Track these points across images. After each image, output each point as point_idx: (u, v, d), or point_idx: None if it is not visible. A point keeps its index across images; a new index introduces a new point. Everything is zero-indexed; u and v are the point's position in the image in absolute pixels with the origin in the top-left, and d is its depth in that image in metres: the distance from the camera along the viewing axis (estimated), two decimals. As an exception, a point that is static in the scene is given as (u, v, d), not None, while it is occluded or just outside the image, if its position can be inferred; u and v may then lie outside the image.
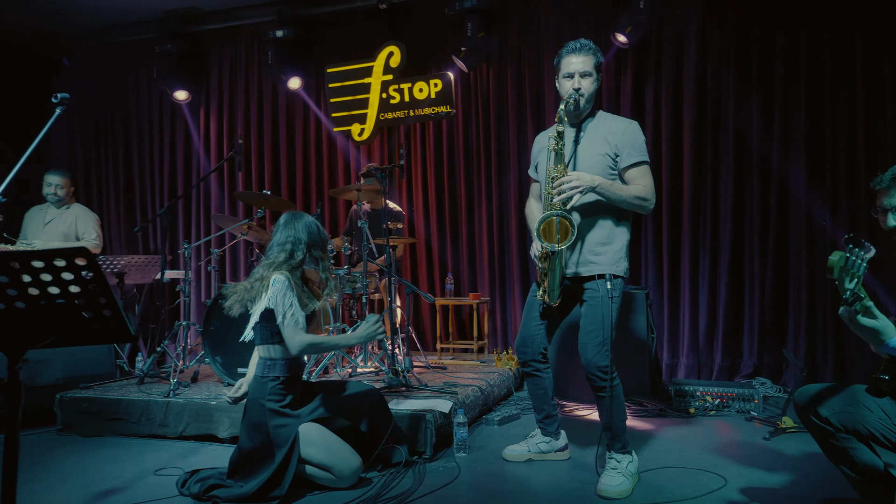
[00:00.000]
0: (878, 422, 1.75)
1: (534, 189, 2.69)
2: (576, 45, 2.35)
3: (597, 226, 2.35)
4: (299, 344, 2.31)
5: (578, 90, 2.29)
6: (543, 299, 2.40)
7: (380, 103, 5.07)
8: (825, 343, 3.97)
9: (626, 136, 2.35)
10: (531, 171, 2.68)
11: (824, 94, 3.96)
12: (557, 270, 2.30)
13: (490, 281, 4.76)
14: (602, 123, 2.41)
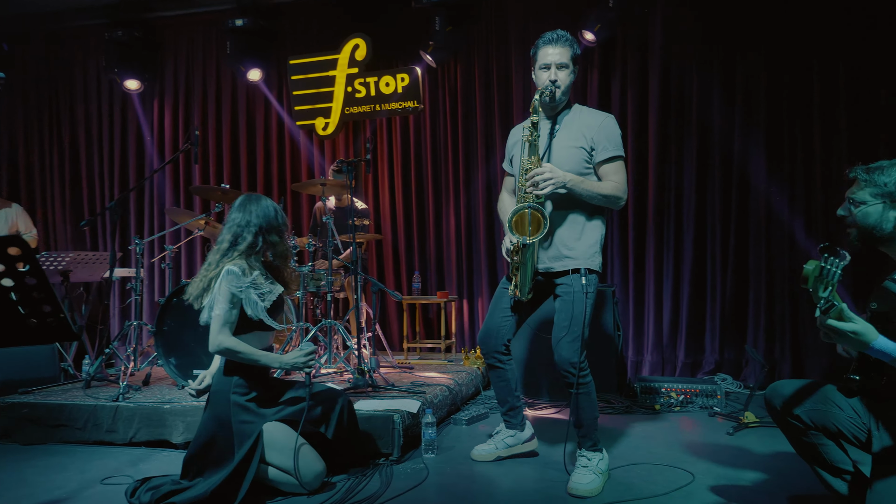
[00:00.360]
0: (847, 420, 1.77)
1: (507, 183, 2.64)
2: (553, 35, 2.31)
3: (570, 220, 2.32)
4: (218, 345, 2.19)
5: (555, 82, 2.25)
6: (515, 294, 2.35)
7: (345, 97, 4.95)
8: (783, 339, 4.07)
9: (603, 129, 2.32)
10: (506, 164, 2.62)
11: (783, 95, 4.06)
12: (529, 264, 2.26)
13: (458, 279, 4.70)
14: (578, 116, 2.38)
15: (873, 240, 1.70)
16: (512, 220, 2.23)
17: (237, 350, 2.20)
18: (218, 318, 2.19)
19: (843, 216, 1.75)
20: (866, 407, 1.76)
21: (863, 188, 1.69)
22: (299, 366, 2.26)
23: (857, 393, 1.77)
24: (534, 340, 3.77)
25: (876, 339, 1.45)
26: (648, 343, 4.26)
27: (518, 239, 2.19)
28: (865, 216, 1.68)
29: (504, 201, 2.63)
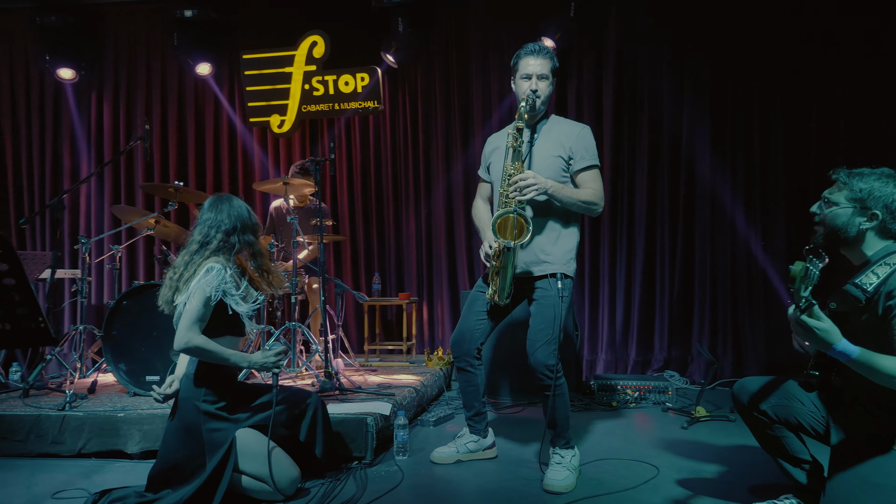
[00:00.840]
0: (808, 414, 1.90)
1: (482, 190, 2.67)
2: (535, 47, 2.37)
3: (547, 226, 2.38)
4: (186, 342, 2.09)
5: (535, 91, 2.31)
6: (493, 298, 2.38)
7: (302, 94, 4.85)
8: (725, 337, 4.33)
9: (580, 139, 2.40)
10: (482, 171, 2.66)
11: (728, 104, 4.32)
12: (510, 269, 2.29)
13: (418, 281, 4.71)
14: (556, 126, 2.44)
15: (838, 241, 1.79)
16: (496, 224, 2.26)
17: (206, 348, 2.11)
18: (189, 314, 2.10)
19: (814, 213, 1.84)
20: (823, 402, 1.90)
21: (840, 190, 1.77)
22: (268, 366, 2.19)
23: (815, 388, 1.90)
24: (496, 341, 3.83)
25: (840, 341, 1.55)
26: (603, 342, 4.41)
27: (503, 242, 2.22)
28: (835, 217, 1.77)
29: (479, 208, 2.65)
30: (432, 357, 3.97)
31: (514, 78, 2.44)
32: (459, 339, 2.53)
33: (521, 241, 2.20)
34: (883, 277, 1.65)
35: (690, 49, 4.32)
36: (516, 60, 2.41)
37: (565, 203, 2.33)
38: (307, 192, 3.89)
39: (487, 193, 2.65)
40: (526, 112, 2.29)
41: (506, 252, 2.25)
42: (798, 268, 1.47)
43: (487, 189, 2.65)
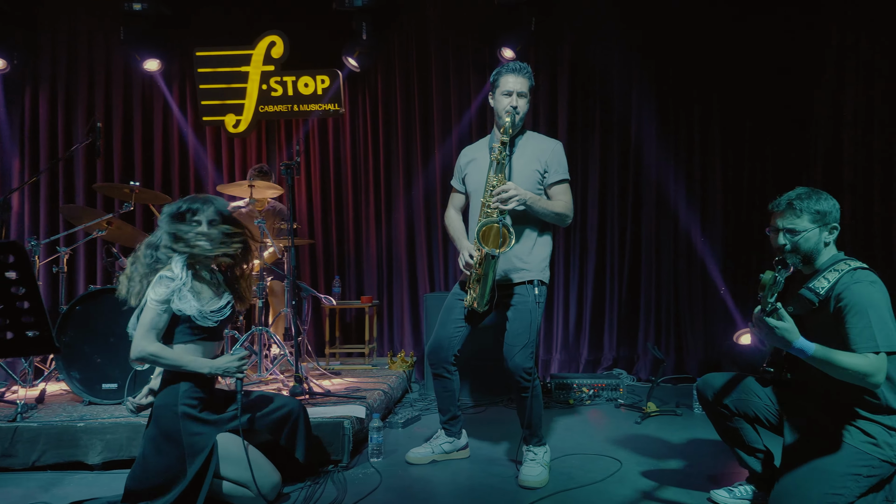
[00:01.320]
0: (763, 407, 2.10)
1: (455, 200, 2.75)
2: (516, 66, 2.49)
3: (524, 235, 2.49)
4: (140, 350, 2.05)
5: (515, 108, 2.42)
6: (472, 305, 2.46)
7: (259, 94, 4.77)
8: (668, 337, 4.62)
9: (555, 155, 2.54)
10: (455, 182, 2.75)
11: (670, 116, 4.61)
12: (491, 276, 2.38)
13: (378, 284, 4.73)
14: (532, 141, 2.57)
15: (809, 261, 1.95)
16: (480, 233, 2.35)
17: (160, 356, 2.08)
18: (144, 322, 2.07)
19: (781, 245, 1.94)
20: (776, 396, 2.11)
21: (801, 216, 1.90)
22: (231, 371, 2.15)
23: (770, 383, 2.11)
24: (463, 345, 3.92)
25: (798, 339, 1.74)
26: (557, 342, 4.60)
27: (487, 250, 2.30)
28: (806, 241, 1.91)
29: (452, 217, 2.74)
30: (395, 359, 4.02)
31: (493, 93, 2.54)
32: (437, 346, 2.60)
33: (505, 250, 2.30)
34: (833, 282, 1.85)
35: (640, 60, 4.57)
36: (497, 77, 2.51)
37: (540, 214, 2.45)
38: (269, 194, 3.84)
39: (460, 204, 2.74)
40: (511, 127, 2.39)
41: (488, 260, 2.34)
42: (768, 276, 1.63)
43: (461, 199, 2.74)
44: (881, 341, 1.75)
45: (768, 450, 2.16)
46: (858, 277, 1.83)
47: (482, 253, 2.34)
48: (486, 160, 2.57)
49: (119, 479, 2.48)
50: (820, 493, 1.83)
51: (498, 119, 2.53)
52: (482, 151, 2.64)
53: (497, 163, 2.40)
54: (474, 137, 4.66)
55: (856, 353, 1.75)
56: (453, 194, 2.78)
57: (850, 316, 1.79)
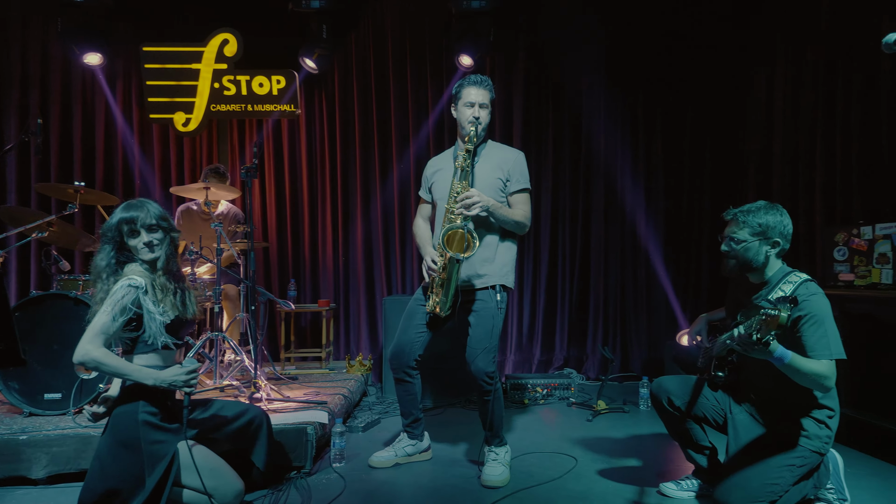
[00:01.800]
0: (711, 408, 2.27)
1: (423, 210, 2.81)
2: (478, 78, 2.57)
3: (486, 241, 2.56)
4: (84, 354, 1.97)
5: (478, 118, 2.50)
6: (435, 310, 2.52)
7: (211, 93, 4.64)
8: (614, 338, 4.82)
9: (517, 164, 2.63)
10: (422, 192, 2.81)
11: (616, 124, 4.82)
12: (454, 281, 2.45)
13: (335, 287, 4.71)
14: (495, 151, 2.65)
15: (748, 269, 2.14)
16: (444, 238, 2.40)
17: (104, 362, 2.00)
18: (95, 325, 2.01)
19: (725, 251, 2.16)
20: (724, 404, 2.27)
21: (742, 228, 2.10)
22: (178, 384, 2.06)
23: (719, 387, 2.27)
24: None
25: (778, 347, 1.84)
26: (511, 344, 4.72)
27: (452, 254, 2.36)
28: (746, 251, 2.10)
29: (419, 226, 2.79)
30: (353, 363, 4.02)
31: (455, 104, 2.62)
32: (398, 351, 2.65)
33: (469, 254, 2.37)
34: (789, 293, 2.01)
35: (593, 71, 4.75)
36: (459, 89, 2.59)
37: (501, 221, 2.54)
38: (225, 196, 3.76)
39: (427, 213, 2.80)
40: (475, 136, 2.46)
41: (452, 264, 2.40)
42: (785, 317, 1.71)
43: (427, 208, 2.80)
44: (834, 350, 1.93)
45: (713, 446, 2.33)
46: (812, 290, 2.00)
47: (446, 257, 2.40)
48: (452, 169, 2.64)
49: (67, 493, 2.42)
50: (760, 484, 2.00)
51: (461, 129, 2.60)
52: (448, 162, 2.71)
53: (461, 170, 2.47)
54: (432, 142, 4.72)
55: (814, 360, 1.91)
56: (421, 204, 2.84)
57: (807, 326, 1.95)
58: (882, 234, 2.98)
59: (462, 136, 2.61)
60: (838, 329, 1.98)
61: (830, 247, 3.27)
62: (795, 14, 4.01)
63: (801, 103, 3.97)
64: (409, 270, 4.73)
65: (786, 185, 4.11)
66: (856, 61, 3.55)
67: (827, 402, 2.07)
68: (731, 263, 2.15)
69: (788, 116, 4.10)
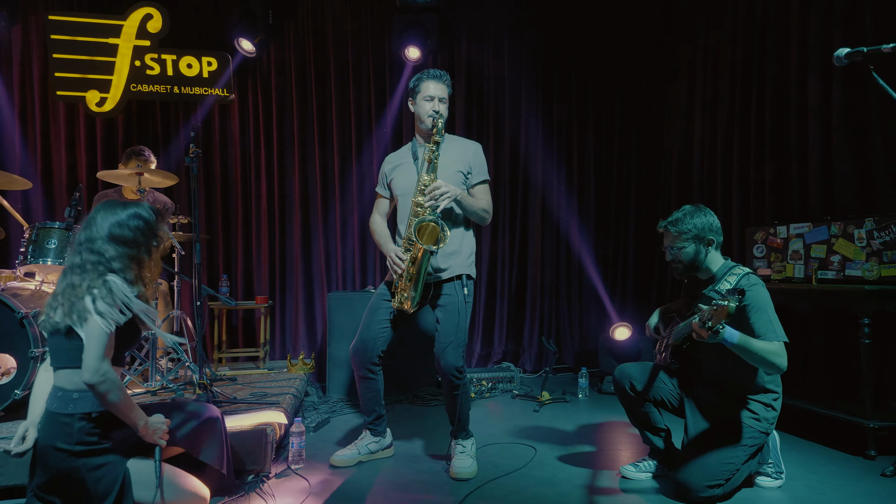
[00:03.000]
0: (668, 392, 2.42)
1: (381, 206, 2.76)
2: (436, 73, 2.58)
3: (452, 232, 2.54)
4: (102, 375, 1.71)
5: (438, 112, 2.50)
6: (403, 306, 2.48)
7: (131, 71, 4.27)
8: (549, 332, 4.99)
9: (477, 156, 2.64)
10: (380, 188, 2.76)
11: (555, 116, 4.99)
12: (423, 275, 2.41)
13: (270, 284, 4.49)
14: (454, 144, 2.63)
15: (695, 269, 2.34)
16: (416, 231, 2.37)
17: (120, 387, 1.75)
18: (101, 338, 1.75)
19: (671, 259, 2.35)
20: (678, 382, 2.43)
21: (678, 236, 2.29)
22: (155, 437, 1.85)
23: (675, 372, 2.43)
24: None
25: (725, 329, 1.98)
26: (453, 340, 4.73)
27: (426, 246, 2.33)
28: (686, 255, 2.30)
29: (377, 223, 2.74)
30: (296, 362, 3.86)
31: (413, 98, 2.61)
32: (361, 347, 2.58)
33: (443, 245, 2.35)
34: (734, 284, 2.19)
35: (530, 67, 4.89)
36: (417, 83, 2.59)
37: (468, 210, 2.54)
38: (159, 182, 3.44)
39: (385, 209, 2.76)
40: (438, 129, 2.44)
41: (426, 256, 2.37)
42: (733, 307, 1.85)
43: (385, 205, 2.76)
44: (779, 333, 2.11)
45: (668, 428, 2.48)
46: (752, 280, 2.19)
47: (418, 250, 2.37)
48: (411, 165, 2.64)
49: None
50: (717, 462, 2.16)
51: (420, 123, 2.60)
52: (405, 157, 2.70)
53: (429, 163, 2.45)
54: (374, 134, 4.63)
55: (765, 340, 2.09)
56: (378, 200, 2.78)
57: (753, 313, 2.13)
58: (795, 234, 3.32)
59: (421, 131, 2.62)
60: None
61: (751, 244, 3.59)
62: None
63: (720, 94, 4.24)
64: (350, 265, 4.61)
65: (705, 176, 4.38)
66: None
67: (772, 386, 2.27)
68: (679, 269, 2.35)
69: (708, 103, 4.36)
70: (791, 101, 3.54)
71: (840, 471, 2.53)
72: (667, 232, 2.34)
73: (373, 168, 4.62)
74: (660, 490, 2.35)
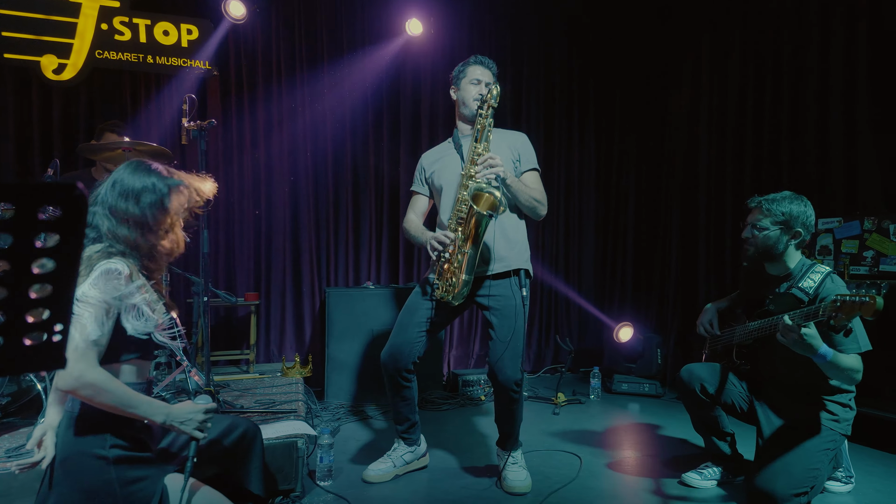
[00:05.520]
0: (738, 395, 2.25)
1: (417, 205, 2.49)
2: (482, 59, 2.39)
3: (504, 219, 2.27)
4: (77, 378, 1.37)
5: (483, 96, 2.25)
6: (448, 297, 2.19)
7: (96, 35, 3.75)
8: (546, 332, 4.81)
9: (525, 144, 2.41)
10: (417, 186, 2.50)
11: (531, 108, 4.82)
12: (480, 250, 2.13)
13: (255, 279, 4.06)
14: (499, 134, 2.36)
15: (767, 257, 2.14)
16: (472, 197, 2.09)
17: (107, 388, 1.41)
18: (83, 334, 1.40)
19: (746, 237, 2.16)
20: (747, 385, 2.27)
21: (766, 216, 2.09)
22: (190, 427, 1.51)
23: (745, 376, 2.27)
24: (367, 345, 3.57)
25: (822, 345, 1.85)
26: (454, 339, 4.48)
27: (486, 212, 2.04)
28: (766, 239, 2.11)
29: (412, 221, 2.46)
30: (291, 365, 3.48)
31: (456, 84, 2.41)
32: (396, 352, 2.30)
33: (503, 210, 2.07)
34: (817, 283, 2.03)
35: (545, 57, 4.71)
36: (463, 68, 2.40)
37: (518, 195, 2.26)
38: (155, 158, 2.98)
39: (422, 208, 2.50)
40: (496, 97, 2.20)
41: (482, 226, 2.07)
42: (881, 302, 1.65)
43: (423, 203, 2.50)
44: (862, 344, 1.97)
45: (734, 433, 2.33)
46: (837, 282, 2.04)
47: (473, 217, 2.07)
48: (454, 155, 2.40)
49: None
50: (803, 470, 2.00)
51: (463, 108, 2.39)
52: (447, 151, 2.45)
53: (482, 131, 2.21)
54: (370, 109, 4.29)
55: (847, 355, 1.94)
56: (415, 198, 2.51)
57: None
58: (824, 229, 3.28)
59: (464, 118, 2.40)
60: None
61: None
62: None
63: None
64: (342, 260, 4.24)
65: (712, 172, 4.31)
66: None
67: (848, 386, 2.14)
68: (751, 251, 2.16)
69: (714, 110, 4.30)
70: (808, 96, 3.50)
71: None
72: (758, 208, 2.12)
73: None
74: (730, 497, 2.19)
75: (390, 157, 4.36)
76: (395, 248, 4.36)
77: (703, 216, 4.25)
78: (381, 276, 4.30)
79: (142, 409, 1.47)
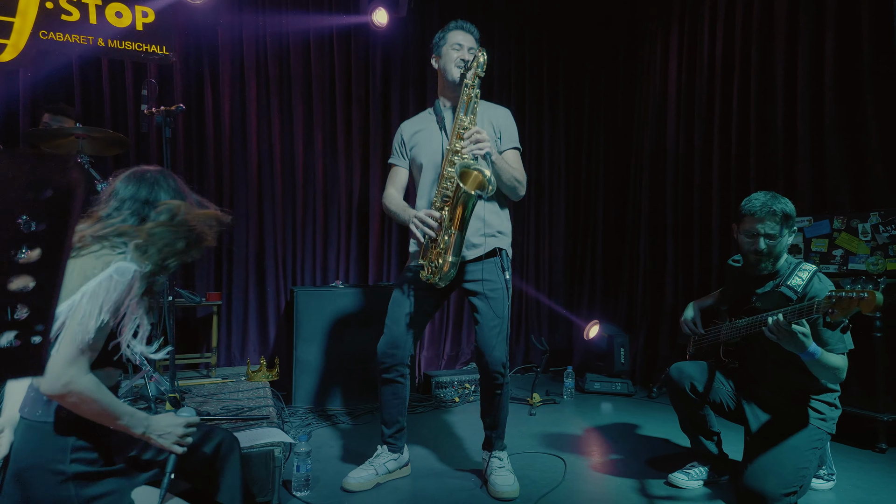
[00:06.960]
0: (726, 394, 2.24)
1: (397, 178, 2.37)
2: (463, 23, 2.29)
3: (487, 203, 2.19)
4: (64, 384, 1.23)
5: (465, 61, 2.16)
6: (434, 278, 2.08)
7: (41, 14, 3.46)
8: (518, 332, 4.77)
9: (508, 120, 2.33)
10: (396, 158, 2.38)
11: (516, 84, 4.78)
12: (467, 229, 2.03)
13: (216, 277, 3.84)
14: (482, 106, 2.26)
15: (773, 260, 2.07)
16: (459, 175, 2.00)
17: (94, 397, 1.26)
18: (75, 339, 1.24)
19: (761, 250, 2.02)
20: (733, 383, 2.26)
21: (778, 223, 2.00)
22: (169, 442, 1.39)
23: (732, 374, 2.25)
24: (337, 347, 3.43)
25: (812, 344, 1.85)
26: (424, 340, 4.36)
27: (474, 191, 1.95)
28: (780, 245, 2.03)
29: (392, 195, 2.35)
30: (257, 369, 3.29)
31: (437, 52, 2.31)
32: (392, 345, 2.21)
33: (491, 189, 1.98)
34: (806, 280, 2.02)
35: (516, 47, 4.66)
36: (443, 34, 2.30)
37: (501, 174, 2.15)
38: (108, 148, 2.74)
39: (402, 182, 2.38)
40: (482, 66, 2.10)
41: (469, 205, 1.98)
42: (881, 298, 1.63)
43: (403, 176, 2.38)
44: (847, 343, 1.98)
45: (720, 432, 2.32)
46: (825, 281, 2.04)
47: (461, 196, 1.97)
48: (436, 129, 2.30)
49: None
50: (793, 469, 1.99)
51: (446, 74, 2.27)
52: (428, 121, 2.36)
53: (468, 102, 2.11)
54: (338, 100, 4.13)
55: (835, 354, 1.94)
56: (393, 171, 2.39)
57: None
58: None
59: (446, 88, 2.28)
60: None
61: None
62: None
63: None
64: (309, 258, 4.07)
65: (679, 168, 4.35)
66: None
67: (833, 384, 2.15)
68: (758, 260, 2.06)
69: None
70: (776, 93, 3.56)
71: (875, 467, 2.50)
72: (771, 215, 1.98)
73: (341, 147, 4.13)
74: (717, 497, 2.18)
75: (360, 150, 4.22)
76: (365, 245, 4.22)
77: (670, 215, 4.30)
78: (350, 276, 4.15)
79: (125, 420, 1.34)
